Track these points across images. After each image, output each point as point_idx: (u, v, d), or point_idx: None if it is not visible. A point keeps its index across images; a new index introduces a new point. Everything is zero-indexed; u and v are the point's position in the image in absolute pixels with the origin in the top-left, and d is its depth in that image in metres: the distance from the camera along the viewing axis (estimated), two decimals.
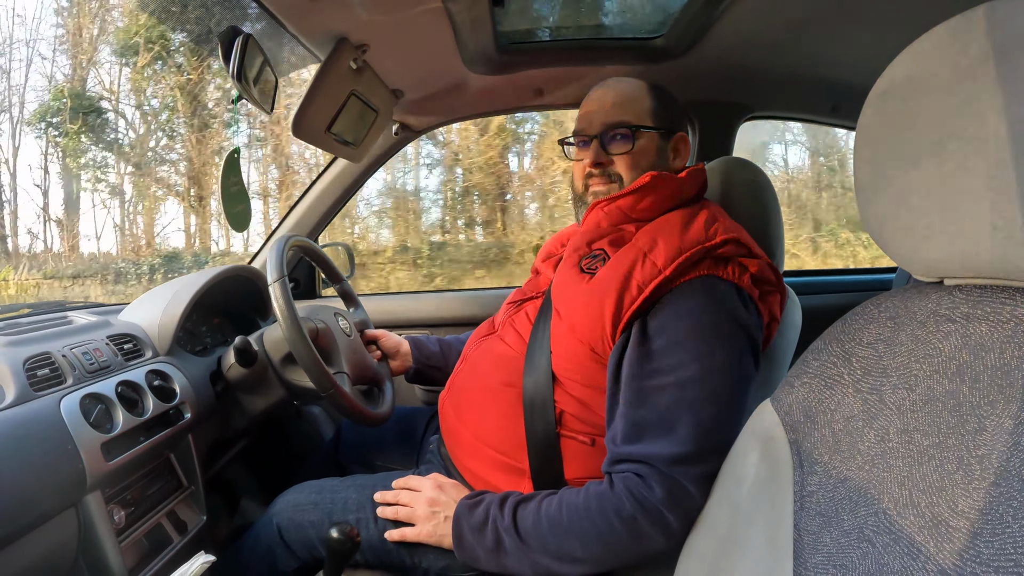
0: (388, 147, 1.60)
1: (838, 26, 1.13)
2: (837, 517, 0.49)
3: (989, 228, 0.42)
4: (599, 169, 0.95)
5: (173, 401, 0.96)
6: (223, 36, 0.89)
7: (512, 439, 0.90)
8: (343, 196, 1.64)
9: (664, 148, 0.96)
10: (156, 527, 0.91)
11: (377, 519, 0.90)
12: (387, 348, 1.29)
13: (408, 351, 1.29)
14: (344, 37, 1.00)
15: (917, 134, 0.46)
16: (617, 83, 0.97)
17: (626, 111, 0.94)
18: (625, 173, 0.94)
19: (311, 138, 1.10)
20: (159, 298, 1.11)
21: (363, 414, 1.06)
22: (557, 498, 0.80)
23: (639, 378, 0.78)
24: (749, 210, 0.98)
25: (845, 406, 0.52)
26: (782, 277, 0.89)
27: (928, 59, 0.46)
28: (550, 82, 1.41)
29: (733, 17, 1.08)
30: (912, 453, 0.45)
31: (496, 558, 0.80)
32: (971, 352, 0.43)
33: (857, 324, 0.55)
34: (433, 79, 1.31)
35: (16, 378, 0.79)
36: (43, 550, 0.74)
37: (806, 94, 1.52)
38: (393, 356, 1.29)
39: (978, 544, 0.38)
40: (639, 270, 0.81)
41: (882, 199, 0.50)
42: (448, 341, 1.33)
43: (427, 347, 1.30)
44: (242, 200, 1.07)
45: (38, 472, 0.72)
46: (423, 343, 1.31)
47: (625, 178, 0.94)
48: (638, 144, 0.93)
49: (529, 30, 1.24)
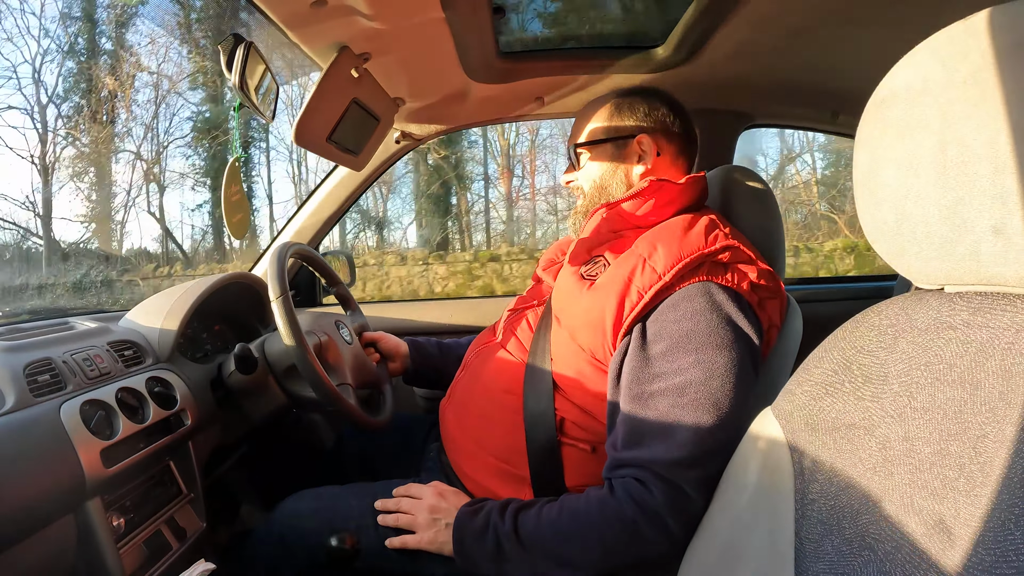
0: (389, 155, 1.61)
1: (838, 34, 1.13)
2: (838, 525, 0.49)
3: (990, 235, 0.42)
4: (570, 184, 1.06)
5: (173, 408, 0.96)
6: (225, 44, 0.90)
7: (513, 446, 0.90)
8: (344, 204, 1.65)
9: (620, 154, 1.00)
10: (156, 534, 0.91)
11: (378, 527, 0.90)
12: (386, 350, 1.30)
13: (407, 353, 1.30)
14: (346, 46, 1.01)
15: (917, 141, 0.46)
16: (588, 103, 1.06)
17: (579, 130, 1.04)
18: (584, 185, 1.04)
19: (312, 146, 1.10)
20: (160, 305, 1.12)
21: (364, 421, 1.06)
22: (558, 504, 0.80)
23: (639, 383, 0.78)
24: (750, 218, 0.98)
25: (846, 414, 0.52)
26: (782, 284, 0.89)
27: (928, 66, 0.46)
28: (551, 91, 1.41)
29: (733, 26, 1.08)
30: (913, 460, 0.45)
31: (497, 565, 0.80)
32: (972, 359, 0.43)
33: (858, 332, 0.55)
34: (434, 87, 1.32)
35: (16, 384, 0.79)
36: (42, 556, 0.73)
37: (806, 102, 1.53)
38: (392, 358, 1.30)
39: (980, 551, 0.38)
40: (639, 276, 0.82)
41: (882, 206, 0.50)
42: (448, 344, 1.34)
43: (426, 349, 1.31)
44: (243, 209, 1.07)
45: (37, 478, 0.72)
46: (423, 345, 1.31)
47: (585, 190, 1.03)
48: (590, 159, 1.02)
49: (530, 39, 1.25)
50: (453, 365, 1.17)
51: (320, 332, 1.12)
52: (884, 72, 0.50)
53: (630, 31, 1.23)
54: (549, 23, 1.21)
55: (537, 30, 1.21)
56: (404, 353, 1.30)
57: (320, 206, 1.64)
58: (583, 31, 1.24)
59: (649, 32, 1.22)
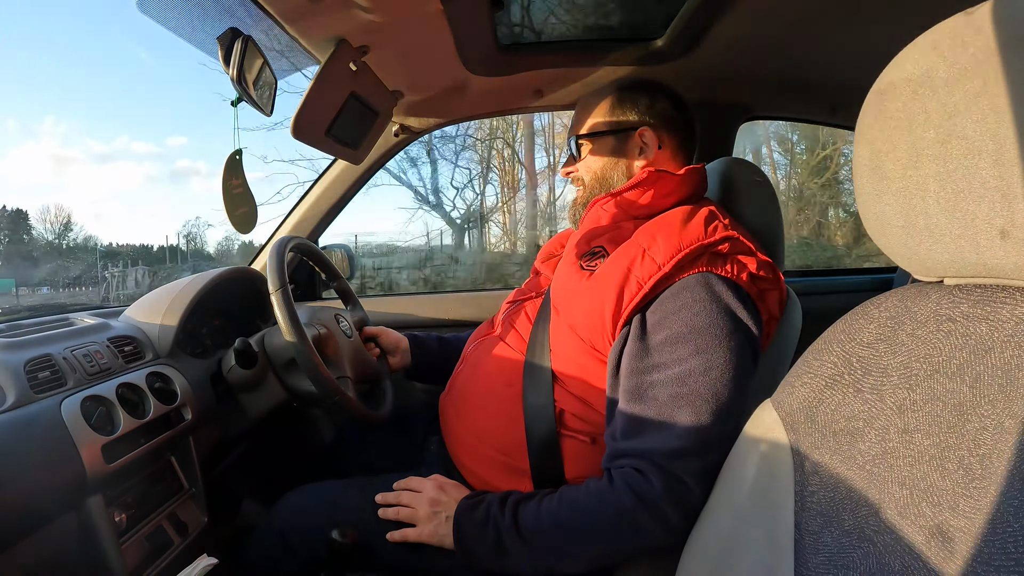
0: (388, 148, 1.60)
1: (837, 26, 1.13)
2: (838, 517, 0.49)
3: (990, 227, 0.42)
4: (570, 175, 1.06)
5: (174, 403, 0.96)
6: (222, 39, 0.89)
7: (512, 439, 0.90)
8: (343, 198, 1.64)
9: (621, 148, 1.00)
10: (157, 529, 0.91)
11: (379, 520, 0.90)
12: (386, 345, 1.30)
13: (407, 347, 1.30)
14: (344, 39, 1.00)
15: (917, 134, 0.46)
16: (588, 93, 1.06)
17: (580, 121, 1.04)
18: (585, 177, 1.03)
19: (311, 140, 1.10)
20: (160, 300, 1.12)
21: (364, 415, 1.06)
22: (557, 496, 0.80)
23: (638, 373, 0.78)
24: (749, 210, 0.98)
25: (846, 406, 0.52)
26: (781, 276, 0.89)
27: (928, 58, 0.46)
28: (550, 83, 1.41)
29: (732, 18, 1.08)
30: (913, 453, 0.45)
31: (497, 557, 0.80)
32: (971, 352, 0.43)
33: (857, 324, 0.55)
34: (433, 80, 1.31)
35: (17, 380, 0.79)
36: (44, 552, 0.73)
37: (805, 95, 1.53)
38: (392, 353, 1.30)
39: (979, 543, 0.38)
40: (638, 266, 0.82)
41: (882, 199, 0.50)
42: (448, 339, 1.34)
43: (427, 344, 1.31)
44: (246, 202, 1.06)
45: (39, 474, 0.72)
46: (423, 340, 1.31)
47: (585, 181, 1.03)
48: (592, 151, 1.02)
49: (529, 31, 1.24)
50: (454, 359, 1.17)
51: (319, 325, 1.12)
52: (884, 64, 0.50)
53: (629, 23, 1.23)
54: (548, 15, 1.20)
55: (536, 22, 1.21)
56: (404, 348, 1.30)
57: (319, 200, 1.63)
58: (582, 23, 1.24)
59: (648, 24, 1.21)
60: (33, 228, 24.20)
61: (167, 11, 0.91)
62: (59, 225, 23.39)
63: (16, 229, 24.64)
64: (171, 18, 0.93)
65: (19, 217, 24.83)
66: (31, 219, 24.59)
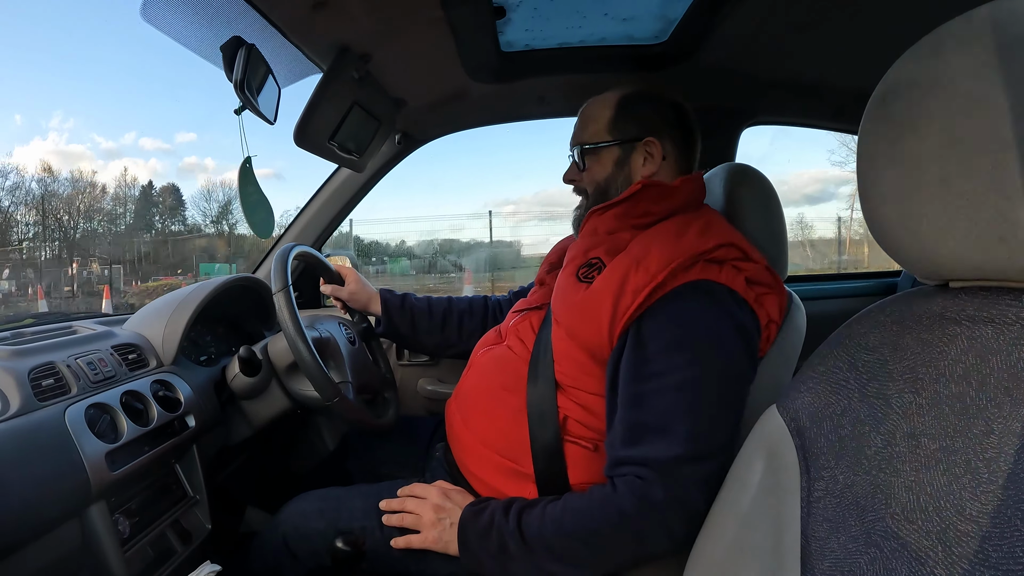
0: (391, 157, 1.61)
1: (839, 30, 1.13)
2: (844, 523, 0.49)
3: (994, 230, 0.42)
4: (573, 185, 1.04)
5: (178, 411, 0.96)
6: (226, 47, 0.90)
7: (517, 444, 0.91)
8: (346, 206, 1.65)
9: (625, 159, 0.98)
10: (161, 537, 0.91)
11: (383, 527, 0.90)
12: (348, 282, 1.30)
13: (368, 289, 1.30)
14: (346, 47, 1.01)
15: (920, 137, 0.46)
16: (591, 101, 1.03)
17: (584, 130, 1.01)
18: (589, 187, 1.02)
19: (314, 148, 1.11)
20: (164, 308, 1.12)
21: (368, 422, 1.06)
22: (561, 502, 0.80)
23: (636, 382, 0.79)
24: (752, 216, 0.98)
25: (851, 411, 0.52)
26: (781, 280, 0.89)
27: (930, 61, 0.46)
28: (552, 90, 1.41)
29: (734, 23, 1.08)
30: (919, 457, 0.44)
31: (501, 564, 0.80)
32: (977, 355, 0.43)
33: (862, 328, 0.55)
34: (435, 88, 1.32)
35: (21, 388, 0.79)
36: (47, 560, 0.73)
37: (808, 99, 1.52)
38: (349, 286, 1.30)
39: (986, 548, 0.37)
40: (633, 276, 0.82)
41: (886, 203, 0.50)
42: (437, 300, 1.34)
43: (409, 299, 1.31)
44: (263, 207, 1.07)
45: (42, 481, 0.72)
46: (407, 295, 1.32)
47: (589, 191, 1.01)
48: (596, 160, 1.00)
49: (530, 38, 1.24)
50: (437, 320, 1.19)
51: (322, 329, 1.12)
52: (886, 68, 0.50)
53: (630, 29, 1.23)
54: (549, 22, 1.21)
55: (537, 29, 1.21)
56: (370, 293, 1.30)
57: (322, 208, 1.64)
58: (583, 30, 1.24)
59: (649, 30, 1.21)
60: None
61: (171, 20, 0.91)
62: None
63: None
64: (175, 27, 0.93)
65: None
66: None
